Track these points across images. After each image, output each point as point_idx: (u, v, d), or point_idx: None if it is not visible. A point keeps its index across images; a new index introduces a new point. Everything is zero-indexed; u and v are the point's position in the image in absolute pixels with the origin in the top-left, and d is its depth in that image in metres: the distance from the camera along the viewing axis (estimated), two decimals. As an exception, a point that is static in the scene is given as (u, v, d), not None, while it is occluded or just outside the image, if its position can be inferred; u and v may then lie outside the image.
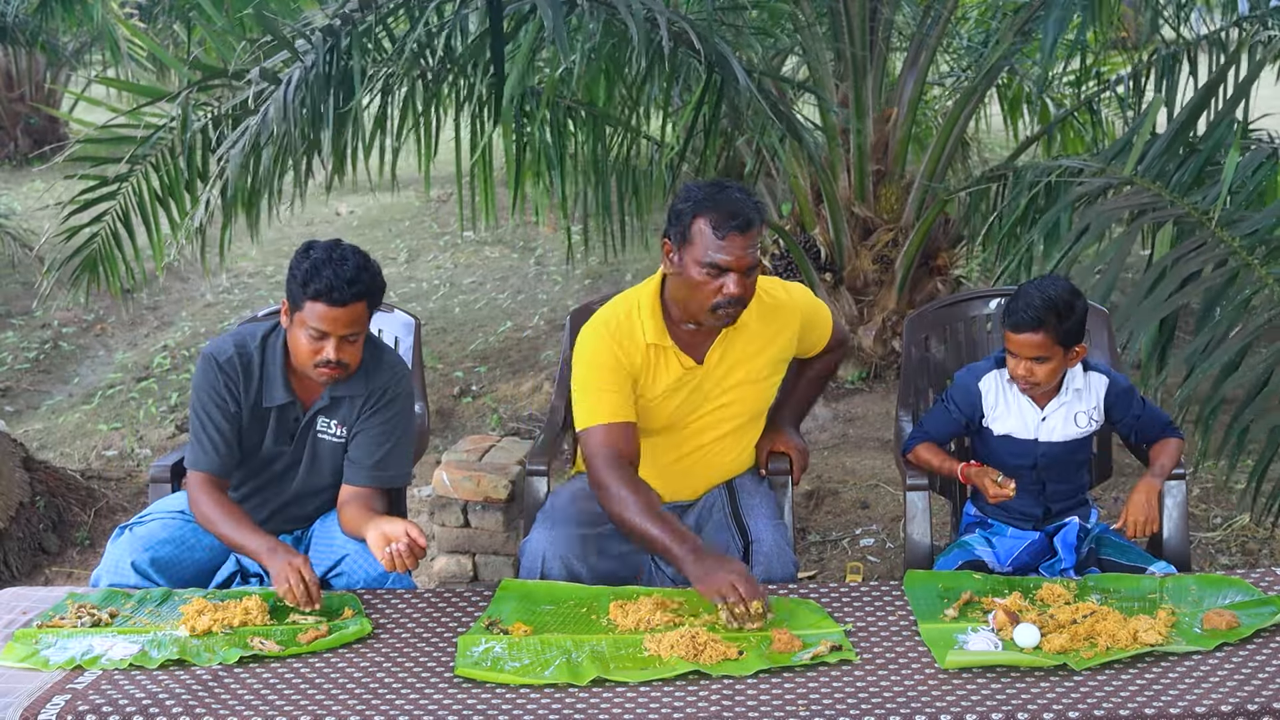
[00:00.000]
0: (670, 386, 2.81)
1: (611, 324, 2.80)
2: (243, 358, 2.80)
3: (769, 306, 2.88)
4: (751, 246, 2.65)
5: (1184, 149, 4.05)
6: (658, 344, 2.78)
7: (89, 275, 4.91)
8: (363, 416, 2.84)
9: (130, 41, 8.34)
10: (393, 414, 2.85)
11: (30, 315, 7.30)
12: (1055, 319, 2.68)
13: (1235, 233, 3.44)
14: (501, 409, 5.65)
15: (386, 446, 2.85)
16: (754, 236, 2.65)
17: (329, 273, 2.61)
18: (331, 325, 2.65)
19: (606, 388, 2.76)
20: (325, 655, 2.42)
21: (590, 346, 2.79)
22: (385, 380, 2.85)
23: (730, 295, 2.64)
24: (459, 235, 8.81)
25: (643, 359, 2.78)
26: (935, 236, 5.60)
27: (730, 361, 2.83)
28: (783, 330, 2.90)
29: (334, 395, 2.83)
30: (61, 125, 11.77)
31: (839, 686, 2.24)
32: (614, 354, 2.76)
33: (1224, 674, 2.24)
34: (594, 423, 2.74)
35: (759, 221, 2.66)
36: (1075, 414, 2.83)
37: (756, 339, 2.84)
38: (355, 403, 2.84)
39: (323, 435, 2.88)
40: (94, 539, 4.50)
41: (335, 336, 2.66)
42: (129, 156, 4.60)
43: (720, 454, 2.94)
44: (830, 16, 5.30)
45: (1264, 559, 4.07)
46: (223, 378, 2.80)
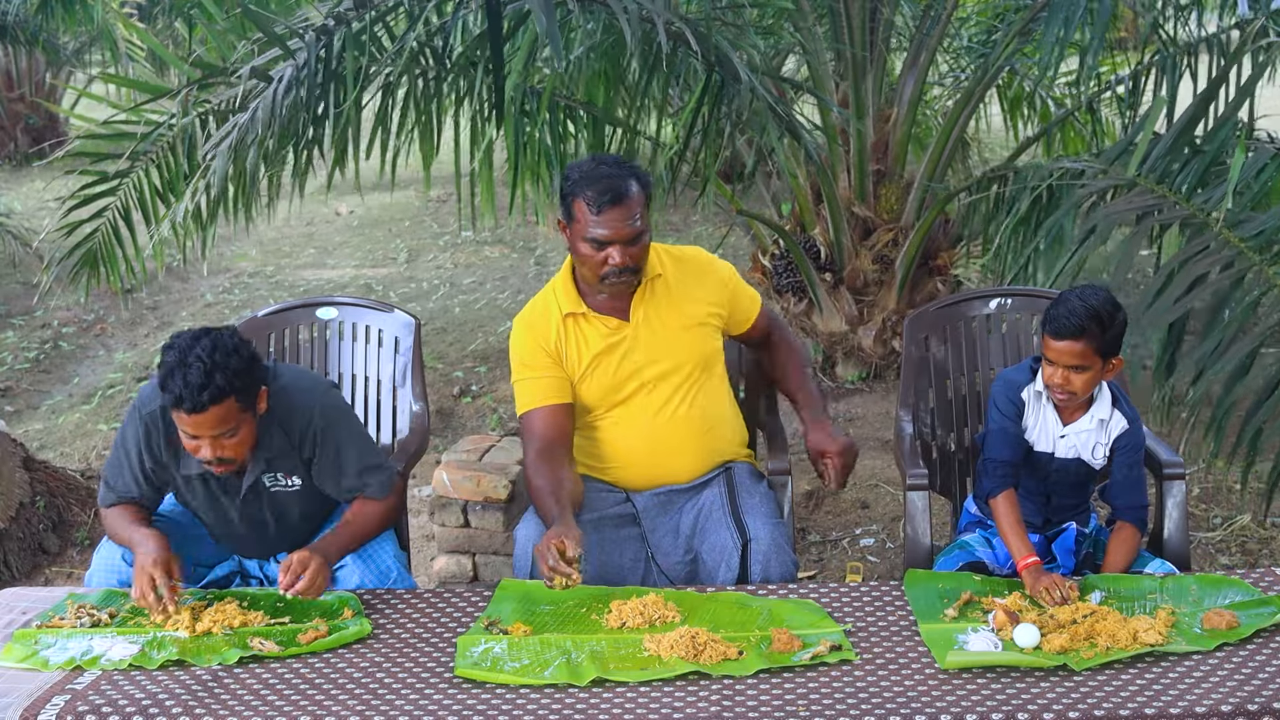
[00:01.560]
0: (601, 348, 2.90)
1: (527, 315, 2.98)
2: (165, 414, 2.67)
3: (680, 259, 2.99)
4: (630, 218, 2.75)
5: (1187, 150, 4.03)
6: (574, 312, 2.90)
7: (89, 271, 4.91)
8: (312, 465, 2.78)
9: (129, 42, 8.34)
10: (334, 441, 2.78)
11: (30, 315, 7.30)
12: (1098, 328, 2.63)
13: (1241, 234, 3.42)
14: (501, 409, 5.65)
15: (350, 466, 2.80)
16: (631, 206, 2.75)
17: (179, 380, 2.48)
18: (197, 429, 2.54)
19: (532, 374, 2.92)
20: (325, 655, 2.42)
21: (515, 344, 2.98)
22: (302, 424, 2.74)
23: (615, 265, 2.78)
24: (459, 235, 8.81)
25: (559, 333, 2.92)
26: (935, 236, 5.60)
27: (658, 313, 2.91)
28: (703, 278, 2.98)
29: (265, 458, 2.73)
30: (61, 124, 11.77)
31: (839, 686, 2.24)
32: (532, 339, 2.93)
33: (1224, 674, 2.24)
34: (527, 408, 2.92)
35: (635, 190, 2.77)
36: (1095, 444, 2.81)
37: (677, 287, 2.94)
38: (290, 452, 2.76)
39: (276, 489, 2.81)
40: (94, 539, 4.49)
41: (207, 439, 2.55)
42: (130, 153, 4.61)
43: (686, 415, 2.93)
44: (830, 16, 5.29)
45: (1264, 559, 4.07)
46: (142, 433, 2.71)
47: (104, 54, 9.07)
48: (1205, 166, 3.87)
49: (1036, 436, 2.82)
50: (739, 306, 3.05)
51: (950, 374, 3.28)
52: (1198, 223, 3.55)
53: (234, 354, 2.54)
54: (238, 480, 2.76)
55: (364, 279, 8.05)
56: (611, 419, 2.95)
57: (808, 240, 5.63)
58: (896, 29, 5.81)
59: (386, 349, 3.39)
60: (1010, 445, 2.80)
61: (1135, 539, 2.79)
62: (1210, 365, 3.22)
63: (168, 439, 2.71)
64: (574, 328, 2.91)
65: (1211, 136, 4.02)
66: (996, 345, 3.29)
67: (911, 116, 5.51)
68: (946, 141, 5.46)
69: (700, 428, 2.95)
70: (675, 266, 2.96)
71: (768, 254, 5.82)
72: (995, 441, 2.82)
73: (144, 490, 2.77)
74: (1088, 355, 2.66)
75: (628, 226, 2.75)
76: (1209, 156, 3.89)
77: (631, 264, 2.79)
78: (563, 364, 2.92)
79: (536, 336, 2.93)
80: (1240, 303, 3.28)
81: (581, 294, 2.92)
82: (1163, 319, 3.32)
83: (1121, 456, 2.80)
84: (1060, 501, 2.88)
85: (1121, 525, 2.81)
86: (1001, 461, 2.80)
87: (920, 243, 5.42)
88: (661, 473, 2.96)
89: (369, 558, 2.83)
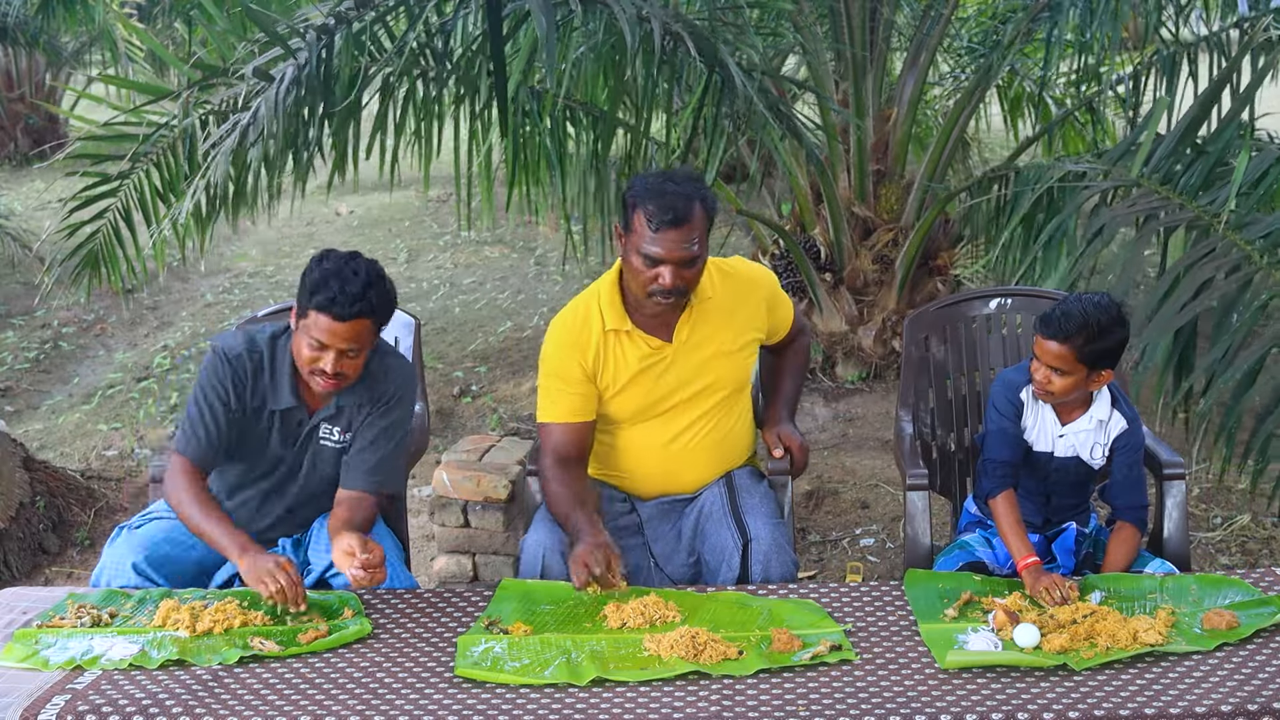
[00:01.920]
0: (639, 368, 2.86)
1: (568, 321, 2.90)
2: (252, 357, 2.79)
3: (729, 276, 2.93)
4: (688, 241, 2.68)
5: (1190, 151, 4.02)
6: (617, 329, 2.85)
7: (90, 272, 4.91)
8: (365, 421, 2.84)
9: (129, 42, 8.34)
10: (392, 420, 2.85)
11: (30, 315, 7.30)
12: (1084, 338, 2.63)
13: (1247, 236, 3.40)
14: (501, 409, 5.65)
15: (382, 452, 2.84)
16: (690, 230, 2.68)
17: (336, 286, 2.60)
18: (331, 338, 2.63)
19: (561, 390, 2.87)
20: (325, 655, 2.42)
21: (549, 349, 2.90)
22: (390, 388, 2.84)
23: (664, 286, 2.71)
24: (459, 235, 8.81)
25: (599, 350, 2.86)
26: (935, 236, 5.60)
27: (700, 336, 2.87)
28: (748, 299, 2.94)
29: (340, 404, 2.82)
30: (61, 125, 11.77)
31: (839, 686, 2.24)
32: (571, 352, 2.86)
33: (1224, 674, 2.24)
34: (549, 420, 2.88)
35: (698, 213, 2.70)
36: (1093, 444, 2.81)
37: (722, 311, 2.89)
38: (360, 410, 2.84)
39: (324, 441, 2.87)
40: (94, 539, 4.50)
41: (334, 349, 2.65)
42: (131, 154, 4.61)
43: (709, 434, 2.94)
44: (830, 16, 5.29)
45: (1264, 559, 4.07)
46: (230, 373, 2.78)
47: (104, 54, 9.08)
48: (1210, 168, 3.85)
49: (1035, 436, 2.82)
50: (776, 319, 3.03)
51: (950, 374, 3.28)
52: (1203, 225, 3.54)
53: (384, 279, 2.69)
54: (302, 427, 2.84)
55: (364, 279, 8.03)
56: (634, 431, 2.94)
57: (808, 240, 5.63)
58: (897, 29, 5.81)
59: (387, 349, 3.38)
60: (1010, 445, 2.80)
61: (1135, 539, 2.80)
62: (1220, 372, 3.20)
63: (254, 378, 2.79)
64: (615, 344, 2.86)
65: (1215, 137, 4.00)
66: (996, 345, 3.29)
67: (911, 116, 5.51)
68: (946, 141, 5.46)
69: (717, 445, 2.96)
70: (724, 286, 2.90)
71: (768, 254, 5.82)
72: (994, 442, 2.82)
73: (215, 442, 2.80)
74: (1069, 360, 2.66)
75: (683, 249, 2.68)
76: (1213, 158, 3.87)
77: (682, 285, 2.73)
78: (596, 380, 2.87)
79: (576, 349, 2.86)
80: (1248, 306, 3.26)
81: (628, 308, 2.86)
82: (1170, 325, 3.29)
83: (1121, 456, 2.81)
84: (1060, 501, 2.88)
85: (1121, 525, 2.81)
86: (1001, 462, 2.80)
87: (920, 243, 5.42)
88: (671, 485, 2.97)
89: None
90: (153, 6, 8.65)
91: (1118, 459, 2.81)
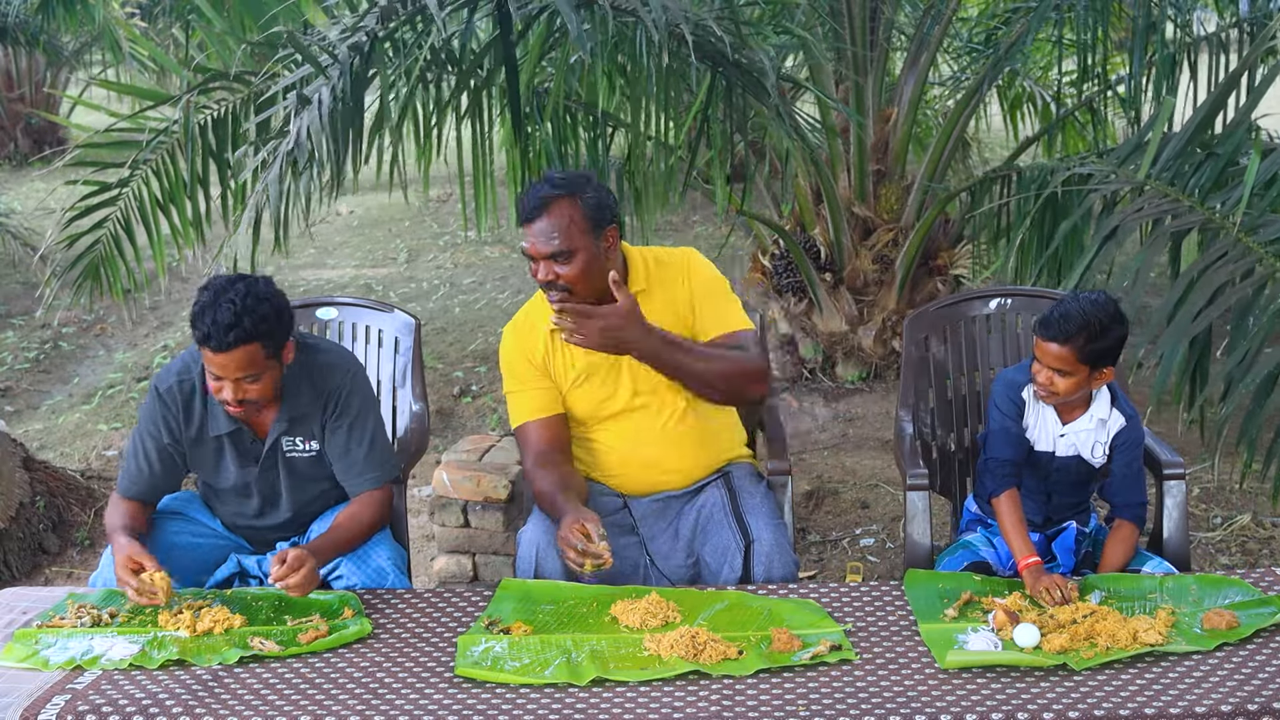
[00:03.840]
0: (585, 367, 2.87)
1: (516, 324, 2.97)
2: (183, 387, 2.79)
3: (659, 264, 2.92)
4: (544, 235, 2.69)
5: (1200, 151, 4.00)
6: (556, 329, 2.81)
7: (91, 281, 4.91)
8: (328, 426, 2.83)
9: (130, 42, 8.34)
10: (355, 414, 2.84)
11: (30, 315, 7.30)
12: (1084, 338, 2.63)
13: (1260, 239, 3.38)
14: (501, 409, 5.65)
15: (363, 448, 2.84)
16: (545, 225, 2.69)
17: (209, 318, 2.58)
18: (221, 369, 2.62)
19: (522, 389, 2.92)
20: (325, 655, 2.42)
21: (504, 354, 2.97)
22: (334, 384, 2.83)
23: (539, 281, 2.75)
24: (459, 235, 8.81)
25: (546, 345, 2.90)
26: (935, 236, 5.60)
27: None
28: (674, 282, 2.90)
29: (290, 416, 2.80)
30: (62, 126, 11.77)
31: (839, 686, 2.24)
32: (519, 352, 2.92)
33: (1224, 674, 2.24)
34: (521, 421, 2.92)
35: (562, 210, 2.69)
36: (1094, 443, 2.81)
37: (655, 300, 2.86)
38: (317, 415, 2.83)
39: (293, 454, 2.86)
40: (94, 539, 4.50)
41: (229, 380, 2.63)
42: (130, 161, 4.60)
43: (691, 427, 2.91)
44: (831, 15, 5.29)
45: (1264, 559, 4.07)
46: (160, 408, 2.80)
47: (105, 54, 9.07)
48: (1220, 169, 3.83)
49: (1036, 436, 2.82)
50: (708, 308, 2.89)
51: (950, 374, 3.28)
52: (1214, 227, 3.52)
53: (265, 301, 2.63)
54: (259, 445, 2.82)
55: (364, 279, 8.05)
56: (605, 430, 2.94)
57: (808, 240, 5.63)
58: (898, 28, 5.81)
59: (386, 349, 3.39)
60: (1012, 444, 2.81)
61: (1133, 536, 2.80)
62: (1239, 377, 3.18)
63: (185, 408, 2.79)
64: (560, 343, 2.86)
65: (1226, 138, 3.98)
66: (996, 345, 3.29)
67: (912, 116, 5.51)
68: (947, 141, 5.46)
69: (696, 439, 2.94)
70: (658, 273, 2.89)
71: (768, 254, 5.82)
72: (997, 441, 2.83)
73: (155, 475, 2.82)
74: (1070, 361, 2.66)
75: (543, 243, 2.70)
76: (1223, 159, 3.85)
77: (559, 282, 2.72)
78: (550, 375, 2.90)
79: (523, 348, 2.92)
80: (1264, 310, 3.23)
81: None
82: (1187, 332, 3.25)
83: (1121, 453, 2.81)
84: (1061, 500, 2.88)
85: (1120, 523, 2.81)
86: (1003, 461, 2.80)
87: (920, 243, 5.42)
88: (659, 482, 2.95)
89: (363, 560, 2.83)
90: (154, 6, 8.66)
91: (1117, 456, 2.81)
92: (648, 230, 5.58)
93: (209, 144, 4.66)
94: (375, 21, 3.77)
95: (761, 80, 4.11)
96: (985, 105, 6.51)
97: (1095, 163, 4.31)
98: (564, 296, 2.72)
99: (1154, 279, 5.67)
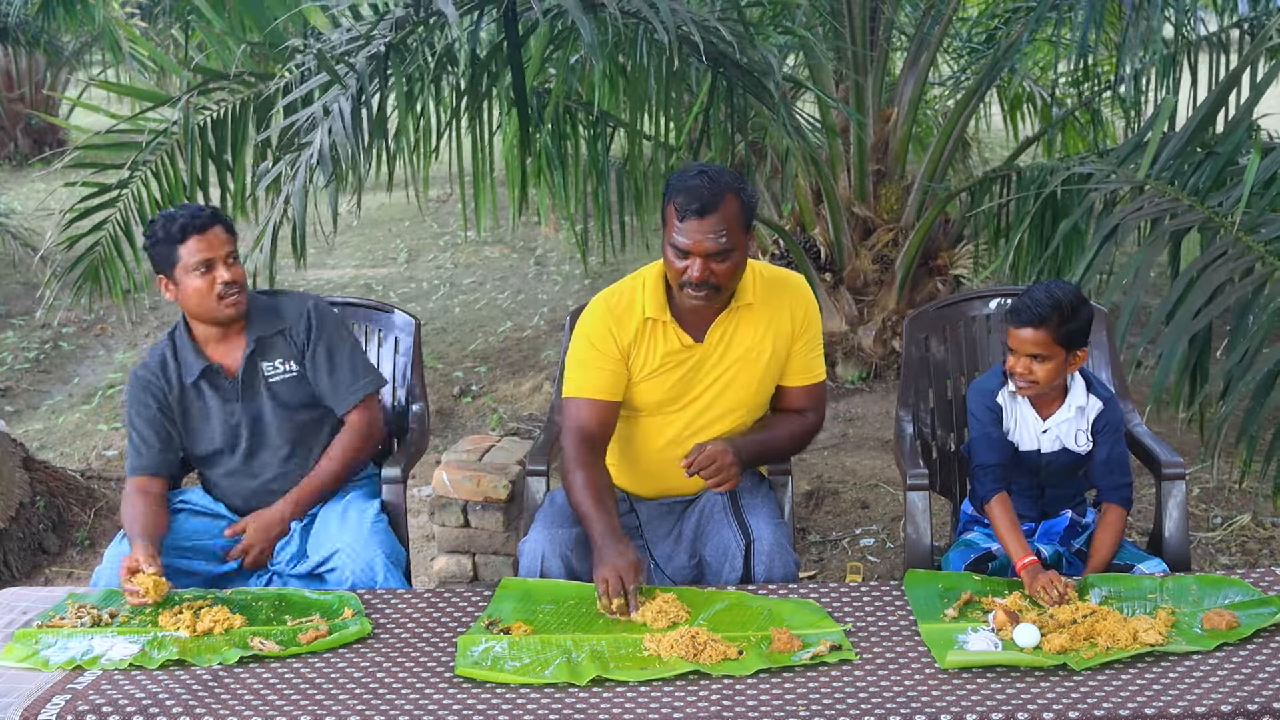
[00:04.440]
0: (666, 362, 2.84)
1: (612, 299, 2.87)
2: (155, 357, 2.98)
3: (770, 282, 2.88)
4: (715, 232, 2.65)
5: (1200, 151, 4.00)
6: (656, 318, 2.82)
7: (91, 283, 4.91)
8: (305, 350, 2.96)
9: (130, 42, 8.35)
10: (327, 332, 2.99)
11: (30, 315, 7.30)
12: (1058, 318, 2.68)
13: (1260, 238, 3.38)
14: (501, 409, 5.65)
15: (346, 361, 2.99)
16: (718, 220, 2.65)
17: (182, 214, 2.87)
18: (210, 249, 2.84)
19: (595, 365, 2.84)
20: (325, 655, 2.42)
21: (589, 321, 2.87)
22: (296, 307, 2.99)
23: (692, 279, 2.69)
24: (459, 235, 8.81)
25: (637, 333, 2.84)
26: (935, 236, 5.60)
27: (729, 339, 2.84)
28: (784, 308, 2.87)
29: (258, 339, 2.94)
30: (61, 127, 11.77)
31: (839, 686, 2.24)
32: (609, 330, 2.83)
33: (1224, 674, 2.24)
34: (577, 395, 2.84)
35: (728, 205, 2.66)
36: (1076, 431, 2.82)
37: (759, 318, 2.85)
38: (285, 336, 2.97)
39: (274, 377, 2.96)
40: (94, 539, 4.50)
41: (219, 259, 2.85)
42: (130, 162, 4.60)
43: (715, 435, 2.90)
44: (832, 15, 5.29)
45: (1264, 559, 4.07)
46: (141, 383, 2.96)
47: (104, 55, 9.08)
48: (1220, 168, 3.83)
49: (1019, 436, 2.84)
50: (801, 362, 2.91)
51: (950, 374, 3.28)
52: (1214, 226, 3.52)
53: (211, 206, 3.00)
54: (235, 382, 2.95)
55: (364, 279, 8.05)
56: (649, 424, 2.90)
57: (808, 240, 5.63)
58: (898, 28, 5.81)
59: (386, 349, 3.39)
60: (995, 450, 2.83)
61: (1120, 520, 2.83)
62: (1239, 376, 3.18)
63: (162, 372, 2.95)
64: (650, 332, 2.83)
65: (1225, 138, 3.98)
66: (996, 345, 3.29)
67: (912, 116, 5.51)
68: (946, 141, 5.46)
69: None
70: (765, 292, 2.85)
71: (768, 254, 5.82)
72: (980, 448, 2.85)
73: (155, 449, 2.94)
74: (1048, 344, 2.70)
75: (710, 240, 2.65)
76: (1223, 158, 3.85)
77: (713, 280, 2.69)
78: (628, 362, 2.85)
79: (617, 325, 2.83)
80: (1264, 309, 3.24)
81: (670, 298, 2.82)
82: (1187, 330, 3.26)
83: (1103, 436, 2.84)
84: (1054, 494, 2.90)
85: (1107, 507, 2.84)
86: (990, 466, 2.83)
87: (920, 243, 5.42)
88: (671, 488, 2.94)
89: (361, 552, 2.83)
90: (154, 6, 8.66)
91: (1099, 439, 2.84)
92: (647, 230, 5.59)
93: (209, 145, 4.66)
94: (390, 30, 3.77)
95: (763, 80, 4.11)
96: (985, 105, 6.51)
97: (1095, 162, 4.31)
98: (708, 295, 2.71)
99: (1154, 278, 5.68)
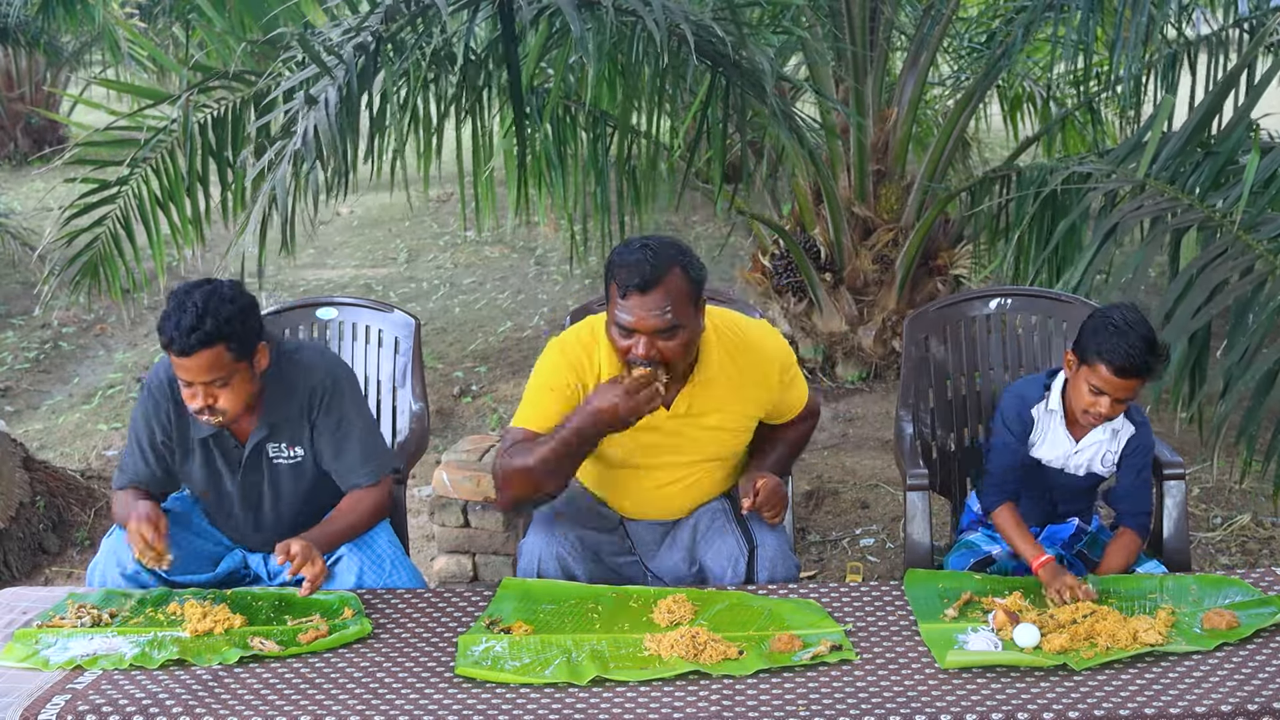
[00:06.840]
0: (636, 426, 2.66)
1: (571, 343, 2.75)
2: (174, 385, 2.73)
3: (734, 350, 2.74)
4: (657, 308, 2.50)
5: (1199, 150, 4.00)
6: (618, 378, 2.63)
7: (90, 280, 4.90)
8: (315, 429, 2.79)
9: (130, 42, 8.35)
10: (341, 411, 2.79)
11: (30, 315, 7.30)
12: (1160, 363, 2.63)
13: (1260, 236, 3.38)
14: (501, 409, 5.65)
15: (356, 444, 2.80)
16: (658, 297, 2.50)
17: (172, 323, 2.56)
18: (187, 374, 2.59)
19: (551, 401, 2.71)
20: (325, 655, 2.42)
21: (549, 365, 2.75)
22: (314, 383, 2.78)
23: (638, 356, 2.55)
24: (459, 235, 8.81)
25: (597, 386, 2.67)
26: (935, 236, 5.60)
27: (700, 410, 2.74)
28: (755, 373, 2.76)
29: (270, 422, 2.76)
30: (61, 126, 11.77)
31: (839, 686, 2.24)
32: (570, 375, 2.71)
33: (1224, 674, 2.24)
34: (527, 425, 2.73)
35: (673, 282, 2.51)
36: (1105, 453, 2.81)
37: (727, 383, 2.73)
38: (301, 419, 2.78)
39: (279, 461, 2.82)
40: (94, 539, 4.49)
41: (197, 384, 2.59)
42: (129, 160, 4.60)
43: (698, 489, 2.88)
44: (831, 15, 5.29)
45: (1264, 559, 4.07)
46: (153, 405, 2.79)
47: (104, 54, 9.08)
48: (1219, 167, 3.82)
49: (1044, 452, 2.82)
50: (784, 403, 2.86)
51: (950, 374, 3.28)
52: (1213, 225, 3.52)
53: (229, 302, 2.59)
54: (240, 450, 2.79)
55: (364, 279, 8.05)
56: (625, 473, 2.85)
57: (808, 240, 5.63)
58: (898, 28, 5.81)
59: (386, 349, 3.39)
60: (1010, 460, 2.82)
61: (1135, 545, 2.80)
62: (1238, 374, 3.18)
63: (176, 404, 2.75)
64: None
65: (1224, 137, 3.97)
66: (996, 345, 3.29)
67: (912, 116, 5.51)
68: (946, 141, 5.46)
69: (706, 495, 2.89)
70: (733, 364, 2.72)
71: (768, 254, 5.82)
72: (996, 456, 2.85)
73: (153, 469, 2.82)
74: (1141, 386, 2.66)
75: (654, 317, 2.50)
76: (1222, 158, 3.84)
77: (658, 359, 2.54)
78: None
79: (576, 371, 2.71)
80: (1264, 308, 3.24)
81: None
82: (1186, 328, 3.25)
83: (1130, 461, 2.81)
84: (1065, 508, 2.89)
85: (1124, 530, 2.81)
86: (1001, 475, 2.82)
87: (920, 243, 5.42)
88: (664, 512, 2.92)
89: (364, 545, 2.82)
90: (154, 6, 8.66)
91: (1126, 463, 2.81)
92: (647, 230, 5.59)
93: (208, 143, 4.66)
94: (379, 22, 3.76)
95: (761, 80, 4.11)
96: (985, 105, 6.51)
97: (1094, 162, 4.31)
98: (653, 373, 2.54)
99: (1153, 277, 5.69)
